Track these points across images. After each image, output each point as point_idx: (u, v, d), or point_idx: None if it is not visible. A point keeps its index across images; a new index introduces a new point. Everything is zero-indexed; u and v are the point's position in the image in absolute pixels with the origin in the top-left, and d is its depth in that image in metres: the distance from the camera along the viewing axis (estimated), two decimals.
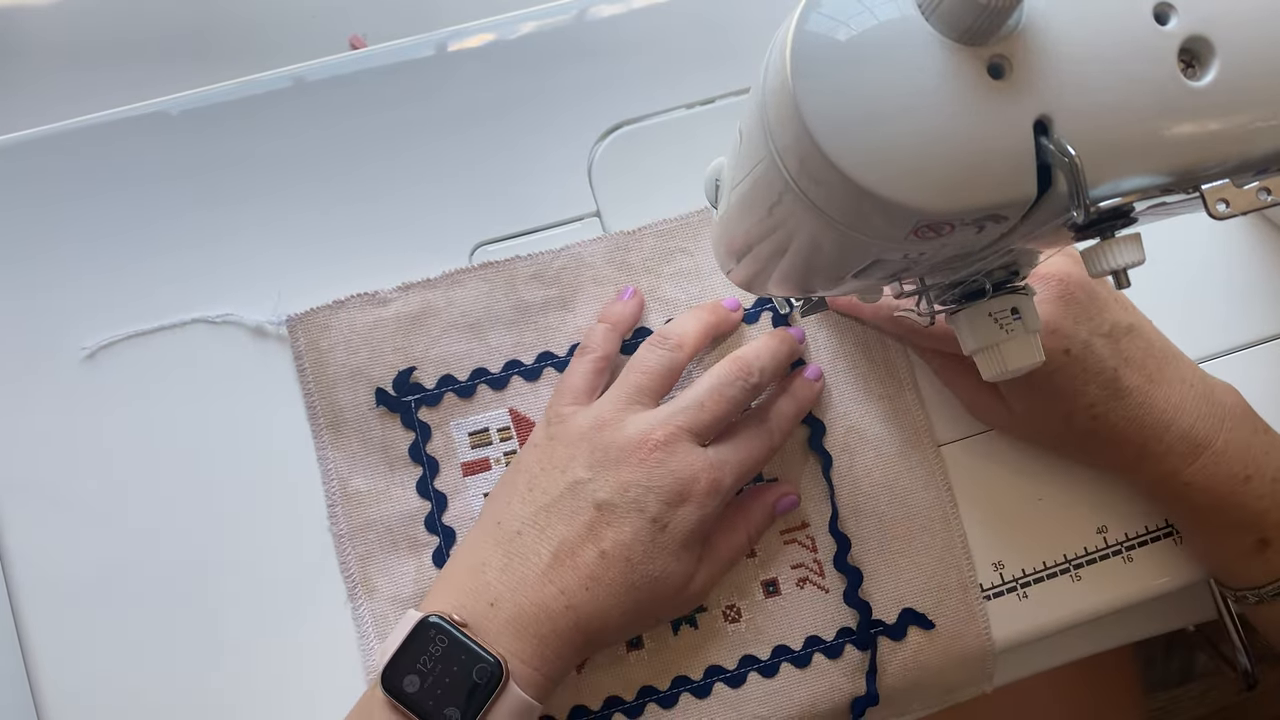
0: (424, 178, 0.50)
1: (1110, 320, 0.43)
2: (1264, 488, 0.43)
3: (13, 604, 0.45)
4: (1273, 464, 0.43)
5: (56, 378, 0.47)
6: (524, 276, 0.49)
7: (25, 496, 0.46)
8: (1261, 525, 0.44)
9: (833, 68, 0.25)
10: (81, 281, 0.48)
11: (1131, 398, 0.43)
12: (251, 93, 0.50)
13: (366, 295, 0.48)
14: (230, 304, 0.48)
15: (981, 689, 0.49)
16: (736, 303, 0.49)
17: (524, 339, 0.49)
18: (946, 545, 0.48)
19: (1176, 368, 0.44)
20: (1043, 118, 0.25)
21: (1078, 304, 0.43)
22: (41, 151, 0.49)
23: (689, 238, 0.50)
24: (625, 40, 0.52)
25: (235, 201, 0.49)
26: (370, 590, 0.47)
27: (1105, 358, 0.43)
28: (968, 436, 0.49)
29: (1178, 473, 0.44)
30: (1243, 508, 0.43)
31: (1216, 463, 0.43)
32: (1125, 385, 0.43)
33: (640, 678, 0.46)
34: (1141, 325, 0.44)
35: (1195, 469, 0.43)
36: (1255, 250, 0.53)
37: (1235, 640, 0.49)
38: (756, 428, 0.45)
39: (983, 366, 0.35)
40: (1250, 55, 0.26)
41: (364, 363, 0.48)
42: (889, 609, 0.47)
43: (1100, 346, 0.43)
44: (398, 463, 0.48)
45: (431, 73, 0.51)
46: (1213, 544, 0.46)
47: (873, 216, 0.27)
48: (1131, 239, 0.28)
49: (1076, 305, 0.42)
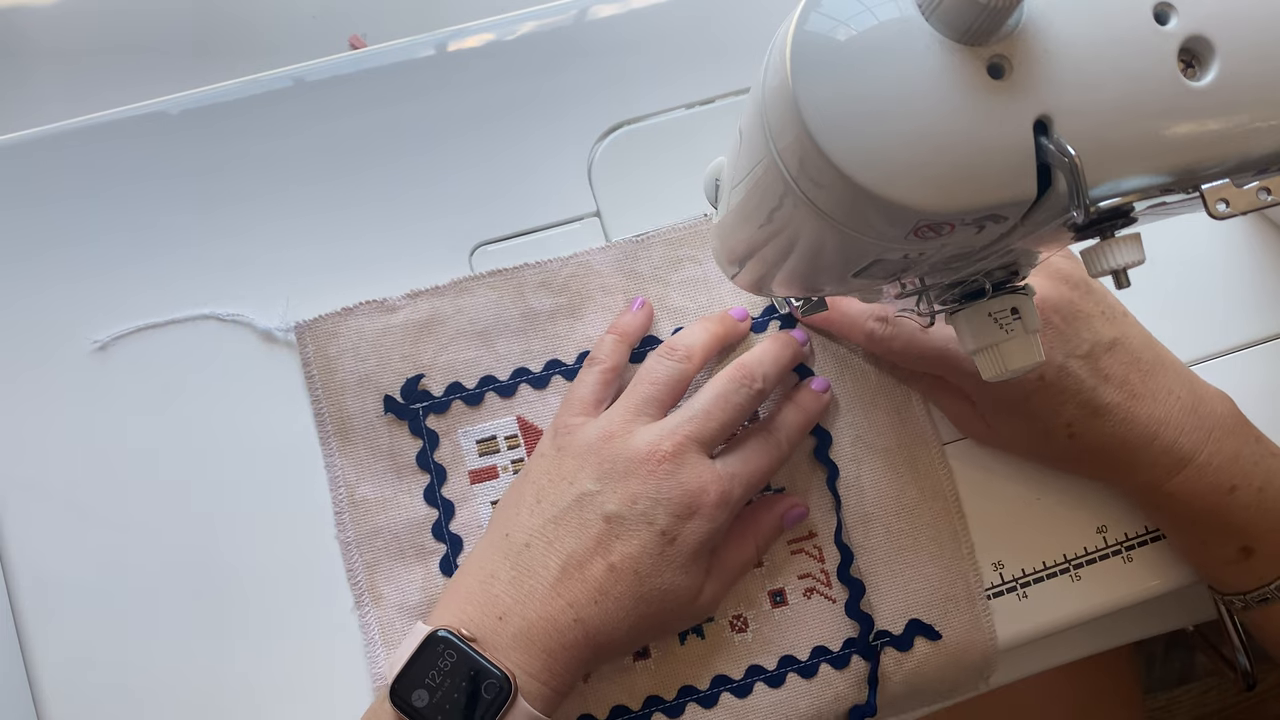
0: (424, 178, 0.50)
1: (1090, 339, 0.43)
2: (1249, 498, 0.43)
3: (13, 604, 0.45)
4: (1260, 474, 0.43)
5: (61, 377, 0.47)
6: (532, 284, 0.49)
7: (26, 495, 0.46)
8: (1245, 534, 0.43)
9: (833, 68, 0.25)
10: (85, 282, 0.48)
11: (1111, 415, 0.43)
12: (251, 93, 0.50)
13: (375, 302, 0.48)
14: (237, 305, 0.48)
15: (978, 689, 0.48)
16: (744, 312, 0.49)
17: (532, 347, 0.49)
18: (954, 556, 0.47)
19: (1164, 379, 0.44)
20: (1042, 117, 0.25)
21: (1053, 329, 0.42)
22: (46, 150, 0.49)
23: (698, 246, 0.50)
24: (625, 40, 0.52)
25: (234, 202, 0.49)
26: (377, 597, 0.46)
27: (1083, 379, 0.42)
28: (967, 436, 0.49)
29: (1160, 485, 0.44)
30: (1226, 518, 0.43)
31: (1200, 475, 0.43)
32: (1104, 403, 0.43)
33: (646, 687, 0.46)
34: (1127, 338, 0.44)
35: (1178, 481, 0.43)
36: (1255, 250, 0.53)
37: (1235, 641, 0.49)
38: (764, 439, 0.45)
39: (982, 367, 0.35)
40: (1250, 55, 0.26)
41: (372, 370, 0.48)
42: (896, 620, 0.47)
43: (1077, 368, 0.42)
44: (405, 470, 0.47)
45: (431, 73, 0.51)
46: (1197, 552, 0.46)
47: (872, 217, 0.27)
48: (1131, 239, 0.28)
49: (1051, 330, 0.42)
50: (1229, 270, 0.52)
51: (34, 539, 0.46)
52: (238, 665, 0.46)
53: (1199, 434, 0.43)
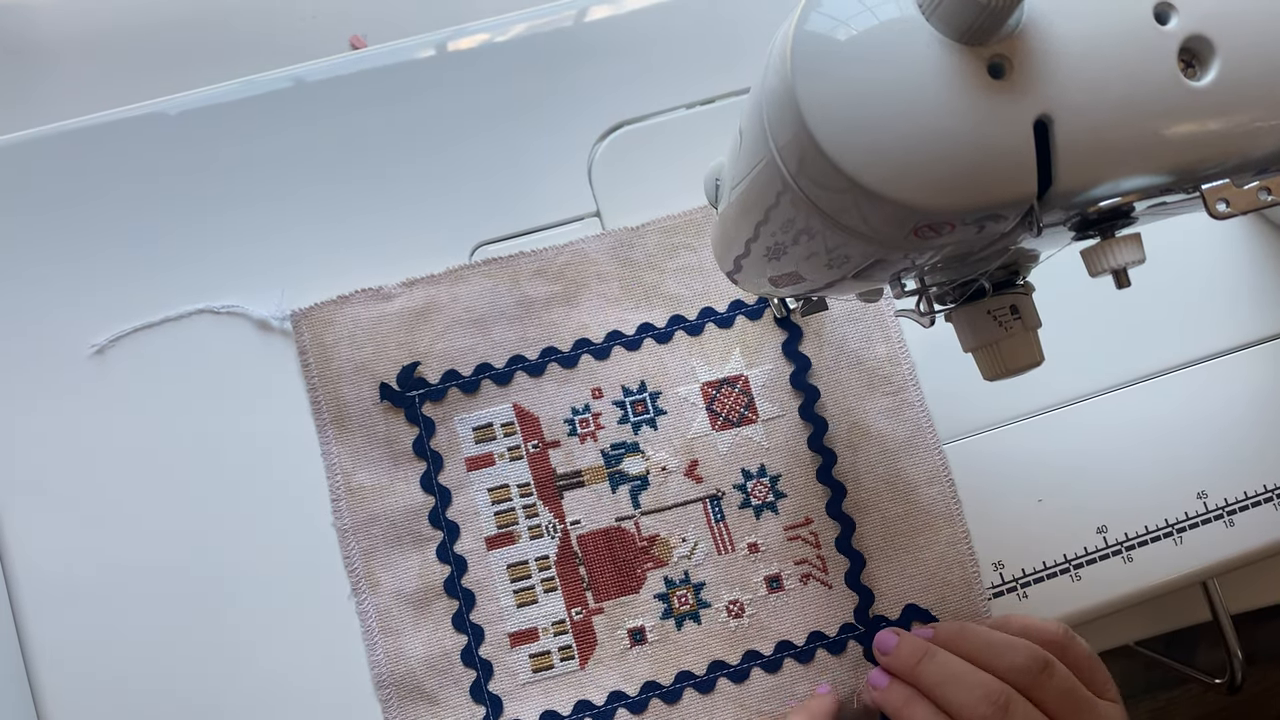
0: (424, 178, 0.50)
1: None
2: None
3: (13, 604, 0.45)
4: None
5: (61, 375, 0.47)
6: (528, 272, 0.49)
7: (26, 495, 0.46)
8: None
9: (833, 67, 0.25)
10: (85, 282, 0.48)
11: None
12: (251, 93, 0.50)
13: (371, 291, 0.49)
14: (234, 302, 0.48)
15: None
16: (827, 688, 0.46)
17: (528, 334, 0.49)
18: (950, 542, 0.48)
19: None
20: (1043, 117, 0.25)
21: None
22: (43, 151, 0.49)
23: (692, 233, 0.50)
24: (625, 40, 0.52)
25: (234, 203, 0.49)
26: (374, 585, 0.47)
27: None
28: (968, 436, 0.49)
29: None
30: None
31: None
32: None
33: (644, 672, 0.46)
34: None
35: None
36: (1255, 250, 0.53)
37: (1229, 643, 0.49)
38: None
39: (981, 365, 0.35)
40: (1250, 55, 0.26)
41: (368, 358, 0.48)
42: (892, 605, 0.47)
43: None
44: (402, 458, 0.48)
45: (432, 73, 0.51)
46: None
47: (872, 216, 0.27)
48: (1132, 238, 0.28)
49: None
50: (1229, 270, 0.52)
51: (34, 539, 0.46)
52: (236, 654, 0.46)
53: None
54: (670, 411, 0.49)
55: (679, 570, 0.47)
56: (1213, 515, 0.49)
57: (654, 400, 0.49)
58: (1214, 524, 0.49)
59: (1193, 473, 0.49)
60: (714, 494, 0.48)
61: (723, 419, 0.49)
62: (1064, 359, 0.49)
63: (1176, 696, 1.02)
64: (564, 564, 0.47)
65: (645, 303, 0.50)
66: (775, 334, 0.50)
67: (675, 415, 0.49)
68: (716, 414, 0.49)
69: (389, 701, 0.46)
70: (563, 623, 0.47)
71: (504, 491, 0.48)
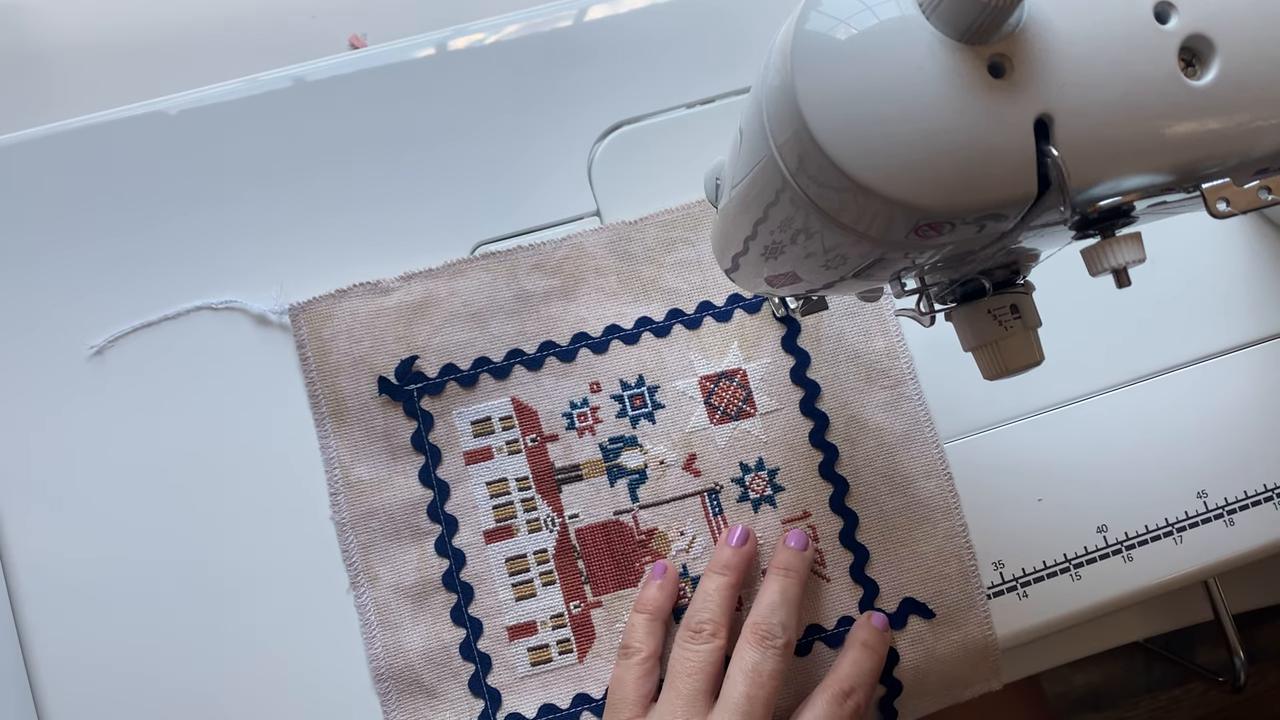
0: (424, 178, 0.50)
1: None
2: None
3: (13, 604, 0.45)
4: None
5: (61, 375, 0.47)
6: (526, 266, 0.49)
7: (26, 495, 0.46)
8: None
9: (833, 66, 0.25)
10: (84, 281, 0.48)
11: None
12: (251, 92, 0.50)
13: (369, 284, 0.49)
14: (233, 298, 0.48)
15: (990, 686, 0.48)
16: (743, 534, 0.47)
17: (526, 328, 0.49)
18: (947, 535, 0.48)
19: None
20: (1043, 116, 0.25)
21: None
22: (44, 151, 0.49)
23: (690, 228, 0.50)
24: (625, 40, 0.52)
25: (234, 203, 0.49)
26: (372, 579, 0.47)
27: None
28: (968, 435, 0.49)
29: None
30: None
31: None
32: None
33: None
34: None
35: None
36: (1255, 250, 0.53)
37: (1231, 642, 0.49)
38: (835, 697, 0.43)
39: (981, 365, 0.35)
40: (1250, 54, 0.26)
41: (366, 352, 0.48)
42: (890, 598, 0.48)
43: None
44: (400, 451, 0.48)
45: (431, 73, 0.51)
46: None
47: (872, 215, 0.27)
48: (1132, 238, 0.28)
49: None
50: (1229, 270, 0.52)
51: (34, 539, 0.46)
52: (236, 649, 0.46)
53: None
54: (668, 405, 0.49)
55: (677, 563, 0.47)
56: (1213, 514, 0.49)
57: (652, 394, 0.49)
58: (1214, 523, 0.49)
59: (1193, 472, 0.49)
60: (712, 488, 0.48)
61: (721, 413, 0.49)
62: (1064, 359, 0.50)
63: (1177, 696, 1.02)
64: (562, 557, 0.47)
65: (643, 296, 0.50)
66: (773, 328, 0.50)
67: (673, 409, 0.49)
68: (714, 408, 0.49)
69: (388, 695, 0.46)
70: (561, 616, 0.47)
71: (502, 485, 0.48)
